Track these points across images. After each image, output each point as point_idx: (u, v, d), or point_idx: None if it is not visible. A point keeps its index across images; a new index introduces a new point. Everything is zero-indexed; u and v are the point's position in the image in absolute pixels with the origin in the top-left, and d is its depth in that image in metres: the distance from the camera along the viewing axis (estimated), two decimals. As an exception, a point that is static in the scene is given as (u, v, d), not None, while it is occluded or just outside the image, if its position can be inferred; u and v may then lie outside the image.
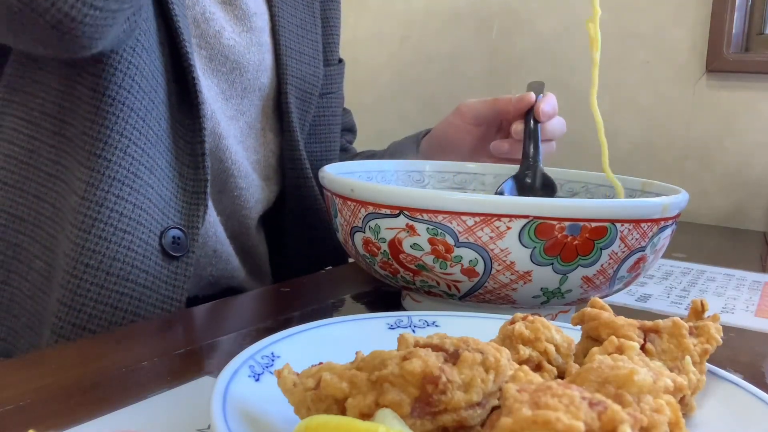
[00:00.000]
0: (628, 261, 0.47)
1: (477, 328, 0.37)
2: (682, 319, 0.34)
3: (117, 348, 0.45)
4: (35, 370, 0.40)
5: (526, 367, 0.28)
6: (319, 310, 0.56)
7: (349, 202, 0.49)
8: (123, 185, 0.55)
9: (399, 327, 0.40)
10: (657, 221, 0.47)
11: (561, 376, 0.33)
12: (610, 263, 0.46)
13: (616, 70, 1.19)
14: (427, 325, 0.41)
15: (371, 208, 0.47)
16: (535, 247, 0.44)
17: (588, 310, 0.35)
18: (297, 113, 0.74)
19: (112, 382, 0.39)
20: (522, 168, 0.67)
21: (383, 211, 0.46)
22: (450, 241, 0.45)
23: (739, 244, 1.01)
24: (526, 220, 0.43)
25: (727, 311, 0.59)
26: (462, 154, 0.77)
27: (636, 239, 0.46)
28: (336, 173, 0.53)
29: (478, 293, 0.47)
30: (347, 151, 0.91)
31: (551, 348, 0.33)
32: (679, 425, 0.26)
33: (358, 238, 0.49)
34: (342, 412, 0.26)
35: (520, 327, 0.33)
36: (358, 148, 0.95)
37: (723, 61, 1.11)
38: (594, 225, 0.44)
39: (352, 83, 1.00)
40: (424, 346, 0.27)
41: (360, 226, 0.48)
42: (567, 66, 1.22)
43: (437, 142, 0.80)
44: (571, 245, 0.44)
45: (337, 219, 0.52)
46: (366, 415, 0.26)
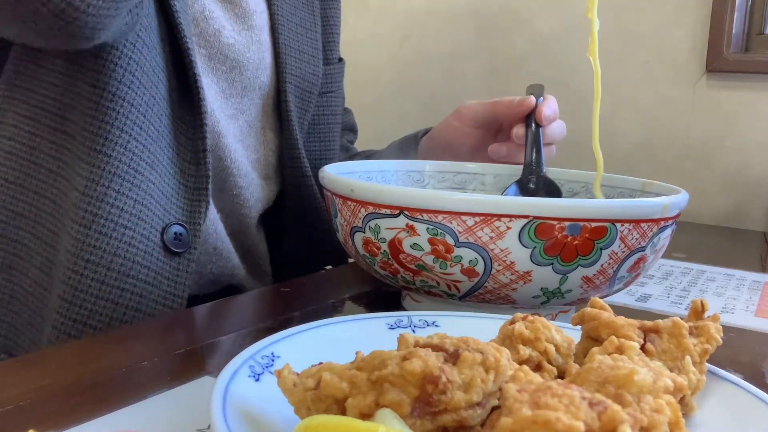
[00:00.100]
0: (628, 261, 0.47)
1: (477, 328, 0.36)
2: (682, 319, 0.34)
3: (117, 348, 0.45)
4: (35, 370, 0.40)
5: (526, 367, 0.28)
6: (319, 310, 0.56)
7: (349, 202, 0.49)
8: (124, 181, 0.55)
9: (399, 327, 0.40)
10: (657, 221, 0.47)
11: (561, 376, 0.33)
12: (610, 263, 0.46)
13: (616, 70, 1.19)
14: (427, 325, 0.41)
15: (371, 208, 0.47)
16: (535, 247, 0.44)
17: (588, 310, 0.35)
18: (296, 112, 0.74)
19: (112, 382, 0.39)
20: (525, 173, 0.67)
21: (383, 211, 0.46)
22: (450, 241, 0.45)
23: (739, 244, 1.01)
24: (526, 220, 0.43)
25: (727, 311, 0.59)
26: (461, 156, 0.77)
27: (636, 239, 0.46)
28: (336, 173, 0.53)
29: (478, 293, 0.47)
30: (348, 151, 0.91)
31: (551, 348, 0.33)
32: (679, 425, 0.26)
33: (358, 238, 0.49)
34: (342, 412, 0.26)
35: (520, 327, 0.33)
36: (358, 148, 0.95)
37: (723, 61, 1.11)
38: (594, 225, 0.44)
39: (352, 83, 1.00)
40: (424, 346, 0.27)
41: (360, 226, 0.48)
42: (567, 66, 1.22)
43: (437, 144, 0.80)
44: (571, 245, 0.44)
45: (337, 219, 0.52)
46: (366, 415, 0.26)
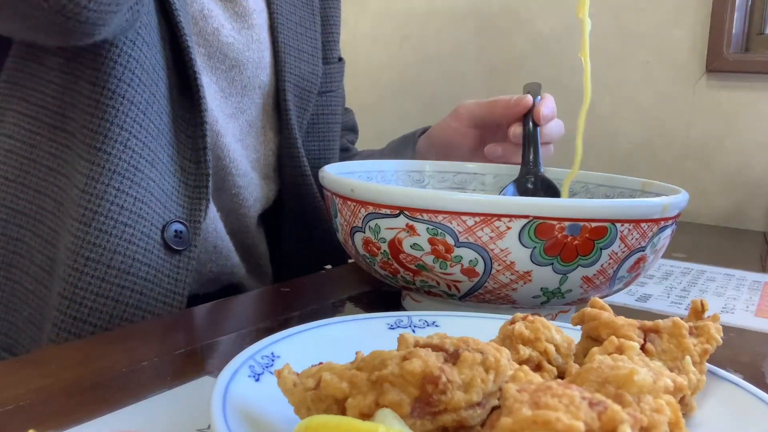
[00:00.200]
0: (628, 261, 0.47)
1: (477, 328, 0.36)
2: (682, 319, 0.34)
3: (117, 348, 0.45)
4: (35, 370, 0.40)
5: (526, 367, 0.28)
6: (319, 310, 0.56)
7: (349, 202, 0.49)
8: (124, 178, 0.55)
9: (399, 327, 0.40)
10: (657, 221, 0.47)
11: (561, 376, 0.33)
12: (610, 263, 0.46)
13: (616, 70, 1.19)
14: (427, 325, 0.41)
15: (371, 208, 0.47)
16: (535, 247, 0.44)
17: (588, 310, 0.35)
18: (295, 111, 0.74)
19: (112, 382, 0.39)
20: (522, 172, 0.67)
21: (383, 211, 0.46)
22: (450, 241, 0.45)
23: (739, 244, 1.01)
24: (526, 220, 0.43)
25: (727, 311, 0.59)
26: (460, 156, 0.77)
27: (636, 239, 0.46)
28: (336, 173, 0.53)
29: (478, 293, 0.47)
30: (348, 151, 0.91)
31: (551, 348, 0.33)
32: (679, 425, 0.26)
33: (358, 238, 0.49)
34: (342, 412, 0.26)
35: (520, 327, 0.33)
36: (358, 148, 0.95)
37: (723, 61, 1.11)
38: (594, 225, 0.44)
39: (352, 83, 1.00)
40: (424, 346, 0.27)
41: (360, 226, 0.48)
42: (566, 66, 1.22)
43: (435, 144, 0.80)
44: (571, 245, 0.44)
45: (337, 219, 0.52)
46: (366, 415, 0.26)
